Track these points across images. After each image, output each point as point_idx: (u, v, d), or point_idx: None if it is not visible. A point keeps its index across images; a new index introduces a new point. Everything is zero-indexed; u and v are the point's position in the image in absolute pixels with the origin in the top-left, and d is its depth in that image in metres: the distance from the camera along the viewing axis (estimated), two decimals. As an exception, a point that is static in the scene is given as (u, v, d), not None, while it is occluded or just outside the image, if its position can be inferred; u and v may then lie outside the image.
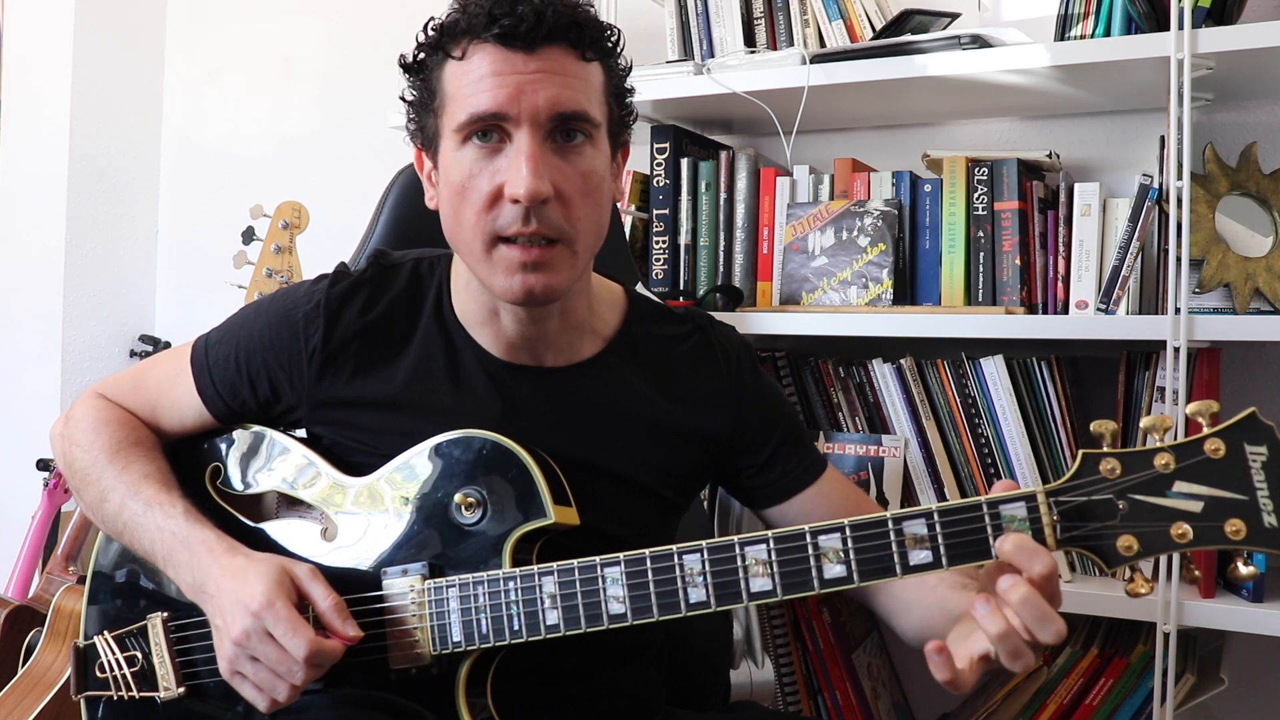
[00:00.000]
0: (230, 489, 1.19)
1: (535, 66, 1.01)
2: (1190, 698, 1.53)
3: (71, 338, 2.60)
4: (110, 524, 1.16)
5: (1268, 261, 1.57)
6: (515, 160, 1.01)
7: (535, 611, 1.01)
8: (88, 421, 1.20)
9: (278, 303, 1.18)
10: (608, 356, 1.18)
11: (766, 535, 0.96)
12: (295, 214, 1.87)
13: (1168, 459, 0.86)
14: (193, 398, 1.19)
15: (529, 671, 1.09)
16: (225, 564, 1.05)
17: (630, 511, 1.15)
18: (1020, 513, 0.90)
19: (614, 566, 0.99)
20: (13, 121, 2.66)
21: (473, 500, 1.06)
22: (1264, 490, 0.84)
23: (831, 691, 1.81)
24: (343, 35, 2.54)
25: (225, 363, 1.18)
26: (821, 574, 0.94)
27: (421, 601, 1.05)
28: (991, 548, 0.90)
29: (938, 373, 1.71)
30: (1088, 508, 0.88)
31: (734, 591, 0.96)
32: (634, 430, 1.17)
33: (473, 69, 1.03)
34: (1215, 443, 0.85)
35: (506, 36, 1.01)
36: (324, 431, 1.17)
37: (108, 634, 1.17)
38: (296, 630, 0.99)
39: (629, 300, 1.24)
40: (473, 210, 1.04)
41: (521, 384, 1.14)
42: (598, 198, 1.07)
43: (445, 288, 1.17)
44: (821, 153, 2.00)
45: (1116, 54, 1.56)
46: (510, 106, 1.01)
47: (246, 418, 1.20)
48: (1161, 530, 0.86)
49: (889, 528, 0.92)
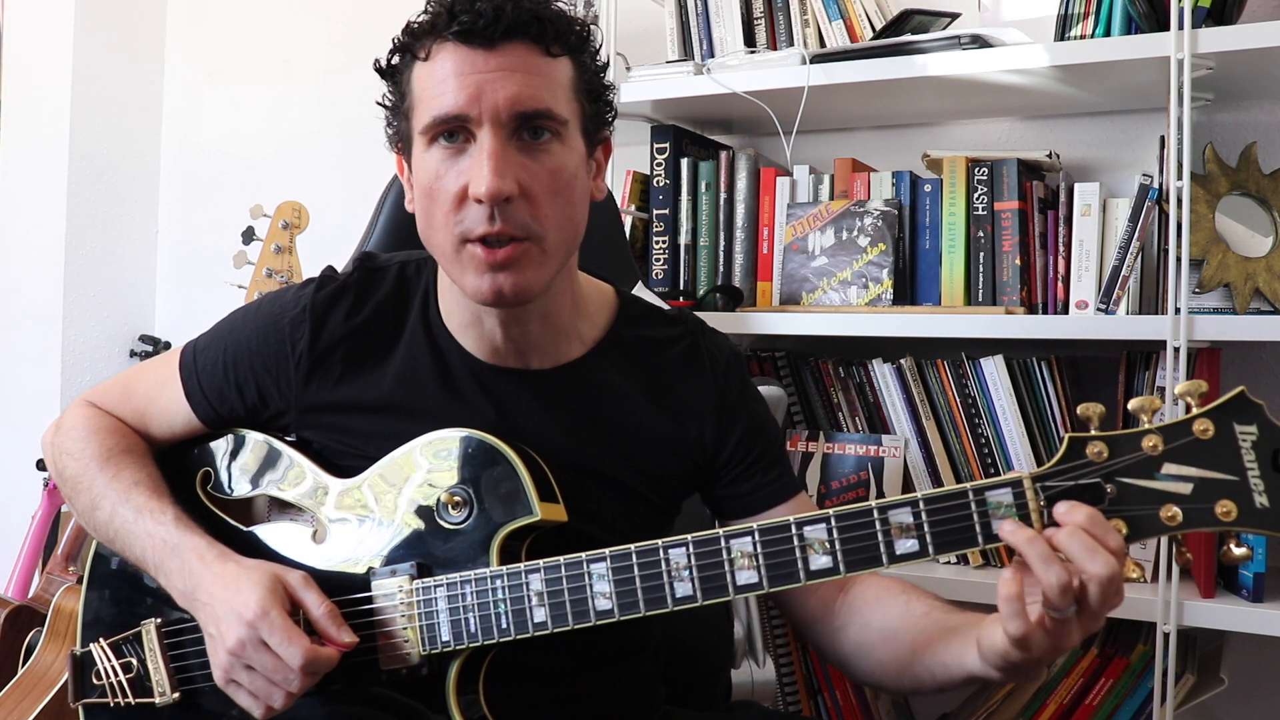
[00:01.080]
0: (221, 494, 1.19)
1: (496, 64, 1.00)
2: (1190, 698, 1.53)
3: (71, 338, 2.60)
4: (102, 531, 1.16)
5: (1268, 261, 1.57)
6: (478, 159, 1.00)
7: (523, 609, 1.01)
8: (78, 430, 1.20)
9: (264, 308, 1.18)
10: (594, 359, 1.17)
11: (752, 527, 0.95)
12: (295, 214, 1.87)
13: (1156, 441, 0.85)
14: (181, 404, 1.19)
15: (523, 670, 1.08)
16: (216, 571, 1.05)
17: (617, 513, 1.14)
18: (1007, 499, 0.88)
19: (600, 563, 0.99)
20: (13, 121, 2.66)
21: (459, 499, 1.06)
22: (1254, 470, 0.83)
23: (831, 691, 1.81)
24: (343, 35, 2.54)
25: (213, 369, 1.17)
26: (808, 565, 0.93)
27: (410, 602, 1.05)
28: (978, 535, 0.89)
29: (938, 373, 1.71)
30: (1075, 492, 0.87)
31: (720, 585, 0.96)
32: (620, 433, 1.16)
33: (436, 69, 1.02)
34: (1204, 423, 0.84)
35: (466, 34, 1.00)
36: (313, 436, 1.17)
37: (103, 641, 1.17)
38: (292, 639, 0.98)
39: (619, 301, 1.22)
40: (441, 212, 1.03)
41: (507, 386, 1.14)
42: (568, 195, 1.05)
43: (431, 290, 1.17)
44: (821, 153, 2.00)
45: (1116, 54, 1.56)
46: (471, 107, 1.00)
47: (235, 423, 1.19)
48: (1151, 513, 0.85)
49: (874, 517, 0.91)
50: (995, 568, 1.69)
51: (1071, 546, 0.85)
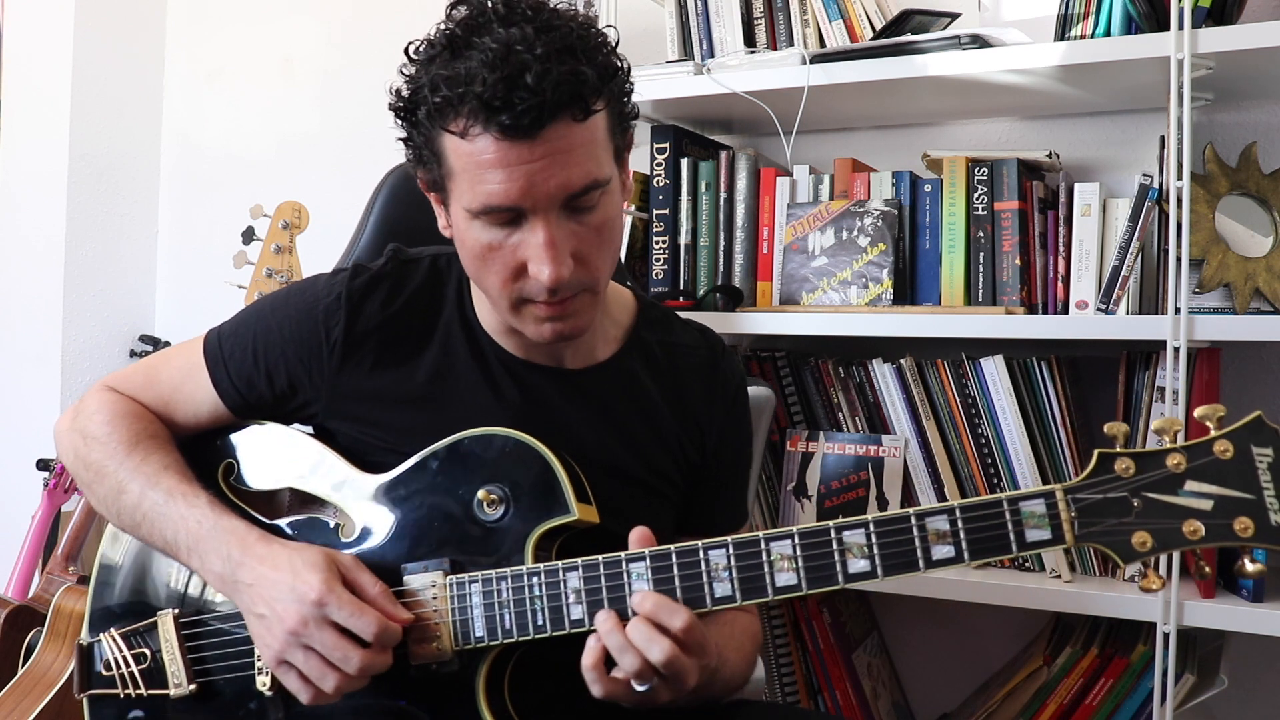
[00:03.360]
0: (243, 486, 1.18)
1: (541, 152, 0.98)
2: (1190, 698, 1.53)
3: (71, 338, 2.60)
4: (127, 516, 1.14)
5: (1268, 261, 1.57)
6: (535, 248, 1.00)
7: (560, 607, 1.02)
8: (102, 414, 1.18)
9: (296, 296, 1.18)
10: (623, 360, 1.20)
11: (792, 531, 0.97)
12: (295, 214, 1.87)
13: (1179, 459, 0.90)
14: (208, 392, 1.18)
15: (541, 665, 1.09)
16: (260, 553, 1.05)
17: (640, 512, 1.15)
18: (1040, 509, 0.92)
19: (639, 562, 1.00)
20: (13, 121, 2.66)
21: (495, 497, 1.06)
22: (1270, 490, 0.87)
23: (831, 691, 1.81)
24: (343, 35, 2.54)
25: (242, 355, 1.17)
26: (846, 569, 0.96)
27: (443, 597, 1.05)
28: (1012, 544, 0.93)
29: (938, 373, 1.71)
30: (1104, 505, 0.91)
31: (759, 586, 0.98)
32: (647, 434, 1.18)
33: (477, 154, 0.98)
34: (1224, 444, 0.89)
35: (508, 129, 0.96)
36: (341, 427, 1.17)
37: (114, 631, 1.17)
38: (364, 611, 0.99)
39: (638, 304, 1.25)
40: (497, 278, 1.04)
41: (542, 383, 1.15)
42: (614, 238, 1.08)
43: (465, 285, 1.18)
44: (821, 153, 2.00)
45: (1116, 54, 1.56)
46: (523, 200, 0.99)
47: (262, 412, 1.19)
48: (1174, 527, 0.89)
49: (912, 523, 0.94)
50: (996, 568, 1.69)
51: (635, 636, 0.96)
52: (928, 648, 1.99)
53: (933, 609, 1.92)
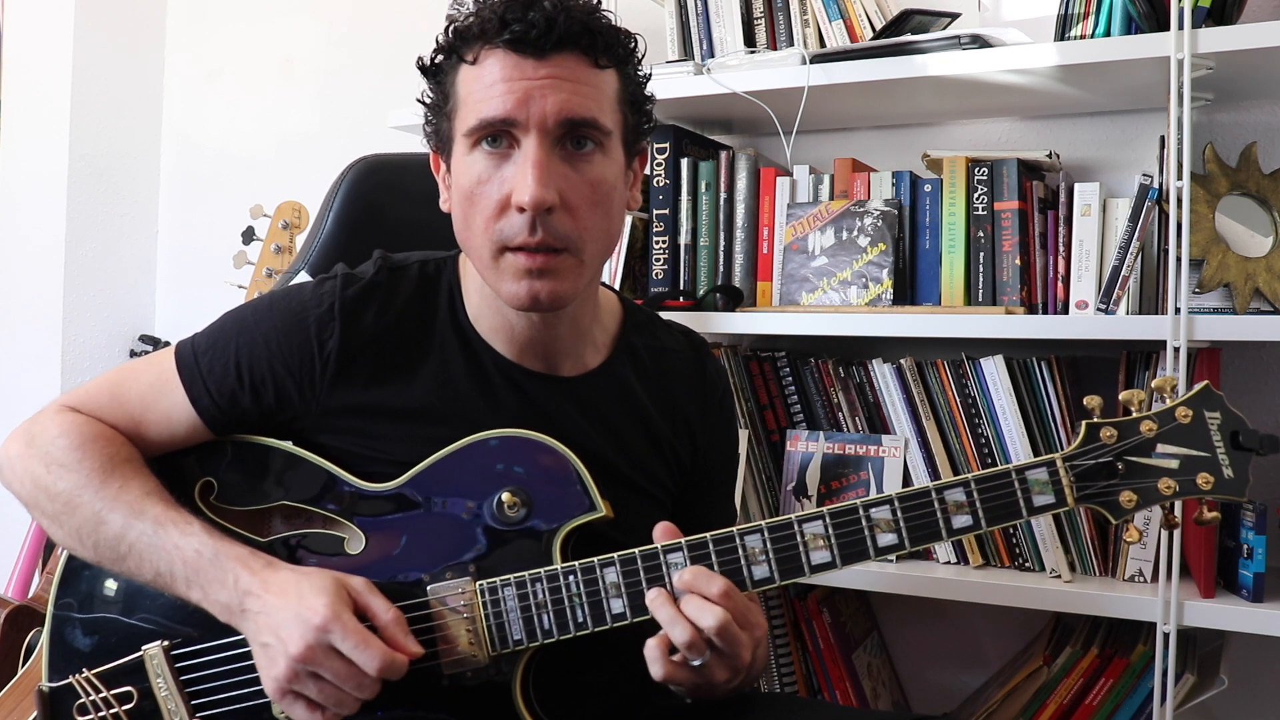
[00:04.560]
0: (229, 505, 1.11)
1: (545, 73, 1.01)
2: (1190, 698, 1.53)
3: (71, 338, 2.60)
4: (108, 549, 1.06)
5: (1268, 261, 1.57)
6: (522, 167, 1.01)
7: (599, 602, 1.03)
8: (67, 439, 1.09)
9: (280, 305, 1.13)
10: (614, 366, 1.19)
11: (822, 512, 1.02)
12: (295, 214, 1.87)
13: (1151, 425, 1.02)
14: (183, 409, 1.11)
15: (557, 663, 1.09)
16: (266, 579, 1.00)
17: (641, 518, 1.15)
18: (1043, 476, 1.02)
19: (676, 552, 1.03)
20: (13, 121, 2.66)
21: (518, 499, 1.06)
22: (1220, 448, 1.01)
23: (831, 691, 1.81)
24: (343, 35, 2.54)
25: (223, 369, 1.11)
26: (876, 543, 1.02)
27: (474, 604, 1.04)
28: (1022, 509, 1.01)
29: (938, 373, 1.71)
30: (1095, 470, 1.02)
31: (796, 566, 1.02)
32: (640, 439, 1.19)
33: (484, 74, 1.02)
34: (1185, 410, 1.02)
35: (517, 42, 1.01)
36: (332, 440, 1.12)
37: (88, 673, 1.09)
38: (368, 644, 0.96)
39: (623, 308, 1.25)
40: (482, 217, 1.04)
41: (538, 390, 1.14)
42: (607, 207, 1.07)
43: (457, 292, 1.16)
44: (821, 153, 2.00)
45: (1116, 54, 1.56)
46: (518, 112, 1.01)
47: (243, 427, 1.13)
48: (1152, 485, 1.02)
49: (933, 496, 1.02)
50: (995, 568, 1.69)
51: (688, 609, 0.99)
52: (928, 648, 1.99)
53: (933, 609, 1.93)
